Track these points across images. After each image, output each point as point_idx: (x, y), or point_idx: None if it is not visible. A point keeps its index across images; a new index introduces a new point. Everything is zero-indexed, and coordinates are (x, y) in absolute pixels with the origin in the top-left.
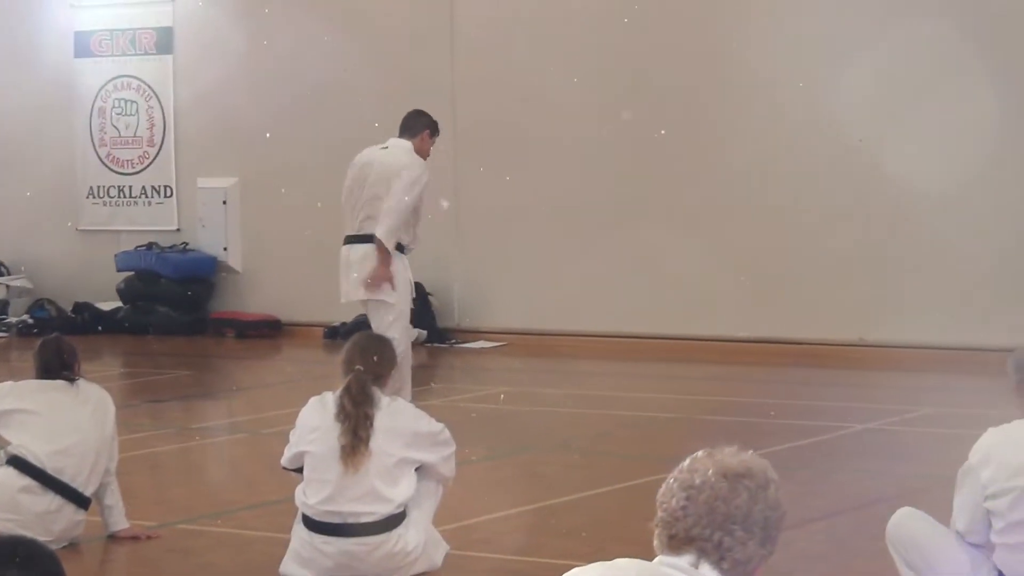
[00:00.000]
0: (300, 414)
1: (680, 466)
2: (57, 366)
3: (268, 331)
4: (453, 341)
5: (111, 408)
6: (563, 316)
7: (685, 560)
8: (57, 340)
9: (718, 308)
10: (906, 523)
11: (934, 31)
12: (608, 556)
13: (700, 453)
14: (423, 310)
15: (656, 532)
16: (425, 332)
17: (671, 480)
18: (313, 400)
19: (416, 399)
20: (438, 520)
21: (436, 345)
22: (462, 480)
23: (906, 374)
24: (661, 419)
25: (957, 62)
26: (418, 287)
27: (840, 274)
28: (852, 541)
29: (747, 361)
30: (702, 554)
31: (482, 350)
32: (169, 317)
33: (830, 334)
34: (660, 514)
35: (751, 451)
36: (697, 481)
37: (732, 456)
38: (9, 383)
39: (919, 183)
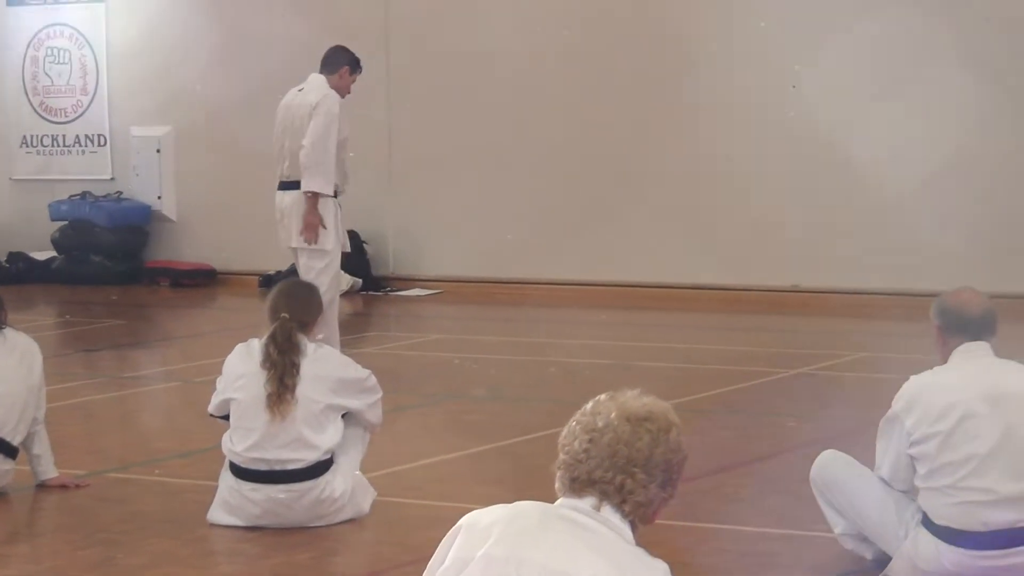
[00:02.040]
0: (226, 361)
1: (583, 409)
2: None
3: (203, 280)
4: (388, 289)
5: (38, 357)
6: (498, 264)
7: (587, 503)
8: None
9: (655, 255)
10: (829, 466)
11: None
12: (541, 499)
13: (603, 396)
14: (358, 258)
15: (558, 475)
16: (360, 280)
17: (573, 423)
18: (239, 347)
19: (351, 347)
20: (366, 467)
21: (371, 293)
22: (392, 427)
23: (839, 320)
24: (596, 365)
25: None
26: (352, 235)
27: (775, 220)
28: (782, 483)
29: (683, 308)
30: (604, 496)
31: (417, 298)
32: (104, 266)
33: (765, 280)
34: (562, 456)
35: (653, 395)
36: (600, 424)
37: (634, 399)
38: None
39: (856, 131)
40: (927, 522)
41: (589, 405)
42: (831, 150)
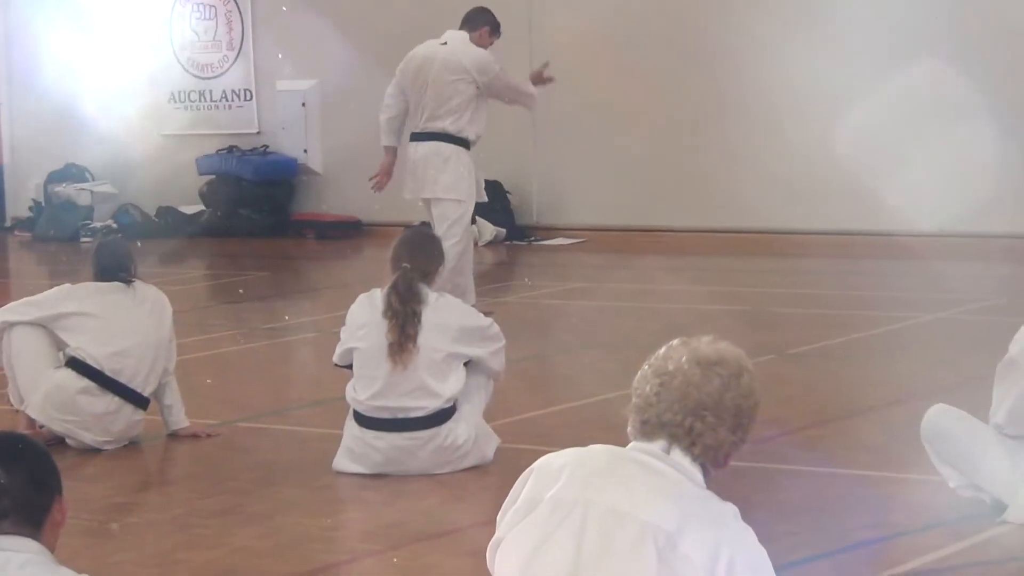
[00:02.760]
0: (349, 311)
1: (655, 354)
2: (114, 268)
3: (349, 232)
4: (532, 239)
5: (168, 309)
6: (641, 212)
7: (657, 446)
8: (114, 243)
9: (795, 199)
10: (939, 420)
11: None
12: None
13: (676, 341)
14: (501, 208)
15: (630, 419)
16: (504, 230)
17: (646, 367)
18: (362, 297)
19: (494, 296)
20: (493, 414)
21: (515, 243)
22: (525, 375)
23: (979, 263)
24: (731, 312)
25: None
26: (496, 185)
27: (918, 166)
28: (907, 432)
29: (825, 254)
30: (673, 439)
31: (560, 247)
32: (250, 220)
33: (906, 225)
34: (634, 400)
35: (727, 341)
36: (670, 368)
37: (707, 345)
38: (67, 286)
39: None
40: None
41: (662, 350)
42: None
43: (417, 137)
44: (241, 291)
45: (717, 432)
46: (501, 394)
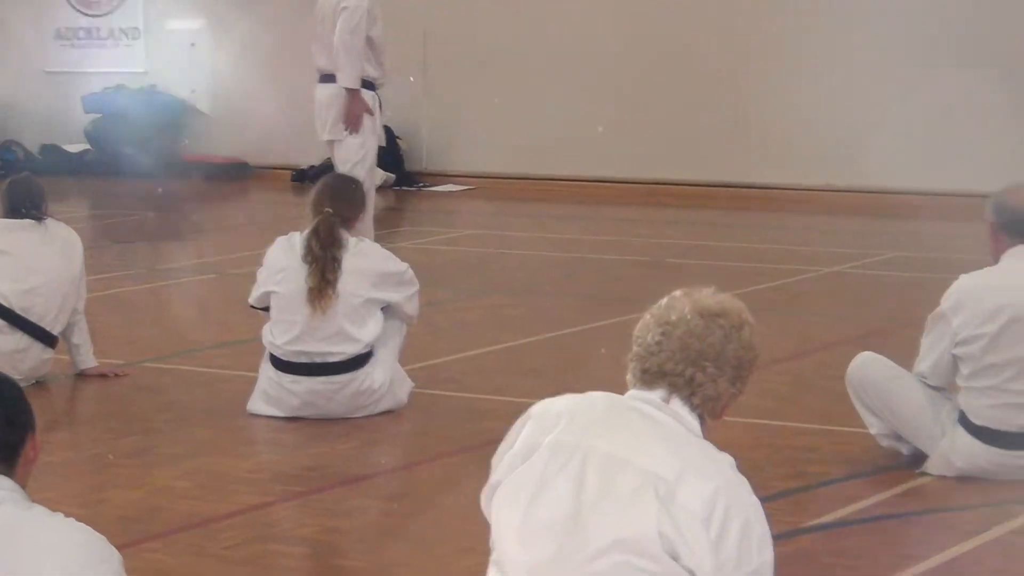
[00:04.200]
0: (267, 253)
1: (658, 303)
2: (25, 206)
3: (236, 174)
4: (421, 184)
5: (79, 247)
6: (531, 160)
7: (656, 394)
8: (26, 180)
9: (690, 152)
10: (865, 367)
11: None
12: (581, 392)
13: (678, 292)
14: (391, 154)
15: (630, 366)
16: (393, 176)
17: (648, 316)
18: (280, 240)
19: (384, 241)
20: (405, 359)
21: (404, 188)
22: (429, 321)
23: (872, 219)
24: (628, 262)
25: None
26: (386, 130)
27: (810, 120)
28: (816, 382)
29: (716, 206)
30: (673, 389)
31: (450, 193)
32: (137, 159)
33: (799, 179)
34: (635, 348)
35: (728, 293)
36: (673, 318)
37: (709, 296)
38: None
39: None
40: (965, 421)
41: (664, 300)
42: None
43: (323, 79)
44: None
45: (717, 383)
46: (410, 339)
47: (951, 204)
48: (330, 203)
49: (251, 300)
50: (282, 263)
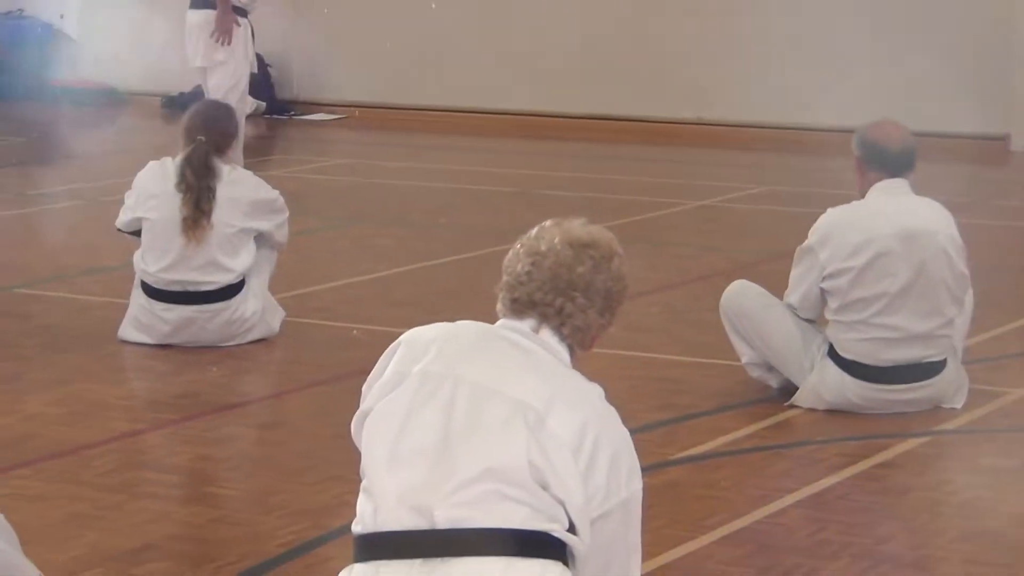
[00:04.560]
0: (138, 177)
1: (528, 234)
2: None
3: (105, 100)
4: (292, 113)
5: None
6: (404, 89)
7: (526, 324)
8: None
9: (560, 84)
10: (739, 295)
11: None
12: (447, 321)
13: (548, 223)
14: (262, 81)
15: (500, 296)
16: (264, 104)
17: (518, 246)
18: (152, 164)
19: (255, 169)
20: (276, 288)
21: (275, 117)
22: (299, 250)
23: (743, 153)
24: (501, 193)
25: None
26: (257, 58)
27: (680, 52)
28: (687, 313)
29: (589, 138)
30: (543, 319)
31: (322, 122)
32: (4, 84)
33: (669, 112)
34: (505, 278)
35: (599, 224)
36: (543, 248)
37: (580, 227)
38: None
39: None
40: (833, 355)
41: (534, 230)
42: None
43: (194, 4)
44: None
45: (587, 314)
46: (281, 268)
47: (822, 139)
48: (203, 131)
49: (119, 224)
50: (154, 189)
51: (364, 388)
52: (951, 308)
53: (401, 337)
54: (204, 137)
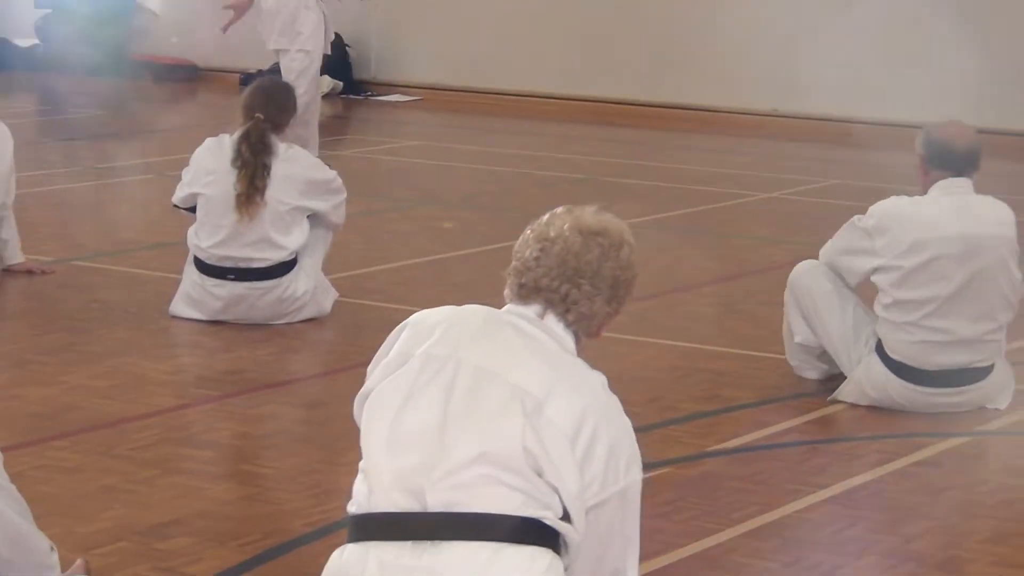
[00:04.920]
0: (195, 153)
1: (539, 219)
2: None
3: (185, 75)
4: (368, 93)
5: (9, 142)
6: (480, 73)
7: (532, 310)
8: None
9: (631, 71)
10: (809, 272)
11: None
12: (499, 307)
13: (560, 209)
14: (340, 61)
15: (508, 281)
16: (341, 83)
17: (528, 231)
18: (210, 141)
19: (329, 149)
20: (333, 268)
21: (352, 97)
22: (361, 231)
23: (815, 146)
24: (568, 179)
25: None
26: (335, 38)
27: (757, 44)
28: (740, 305)
29: (659, 126)
30: (549, 305)
31: (397, 103)
32: (86, 57)
33: (743, 103)
34: (513, 263)
35: (611, 213)
36: (552, 234)
37: (591, 215)
38: None
39: None
40: (881, 352)
41: (545, 216)
42: None
43: None
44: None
45: (593, 301)
46: (336, 248)
47: (890, 134)
48: (261, 108)
49: (175, 200)
50: (210, 165)
51: (370, 367)
52: (1004, 314)
53: (407, 319)
54: (262, 114)
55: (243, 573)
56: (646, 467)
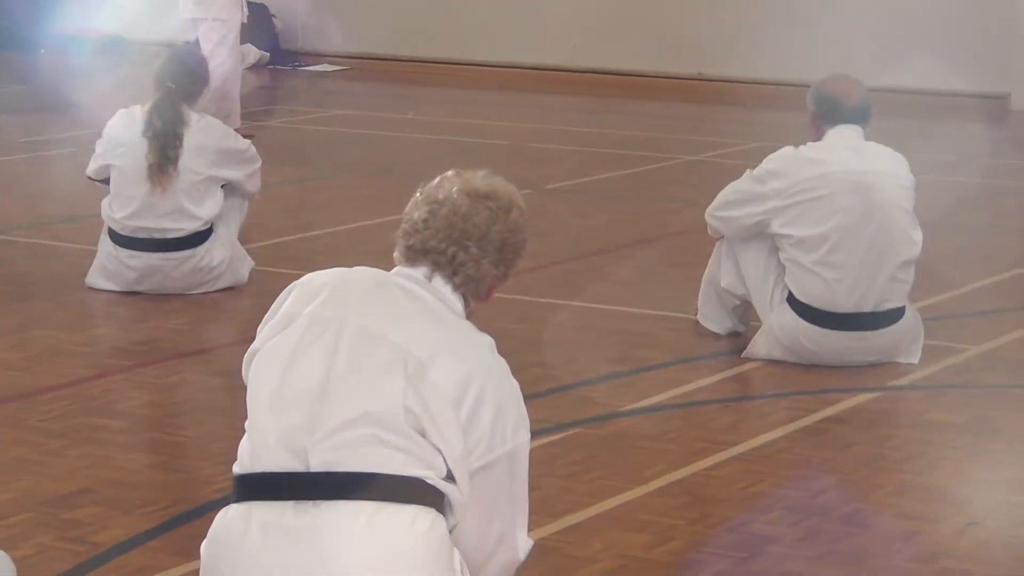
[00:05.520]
0: (107, 125)
1: (429, 183)
2: None
3: (111, 48)
4: (296, 64)
5: None
6: (408, 41)
7: (419, 272)
8: None
9: (559, 37)
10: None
11: None
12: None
13: (450, 172)
14: (266, 31)
15: (398, 243)
16: (268, 54)
17: (417, 194)
18: (121, 112)
19: (255, 119)
20: (251, 237)
21: (279, 67)
22: (282, 199)
23: (742, 109)
24: (491, 146)
25: None
26: (261, 8)
27: (681, 7)
28: (659, 269)
29: (584, 92)
30: (436, 267)
31: (324, 73)
32: (10, 31)
33: (669, 67)
34: (403, 225)
35: (502, 177)
36: (440, 196)
37: (481, 178)
38: None
39: None
40: (792, 300)
41: (435, 180)
42: None
43: None
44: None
45: (480, 264)
46: (258, 217)
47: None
48: (172, 78)
49: (89, 172)
50: (122, 137)
51: (258, 328)
52: (906, 249)
53: (296, 280)
54: (173, 84)
55: (149, 540)
56: (558, 428)
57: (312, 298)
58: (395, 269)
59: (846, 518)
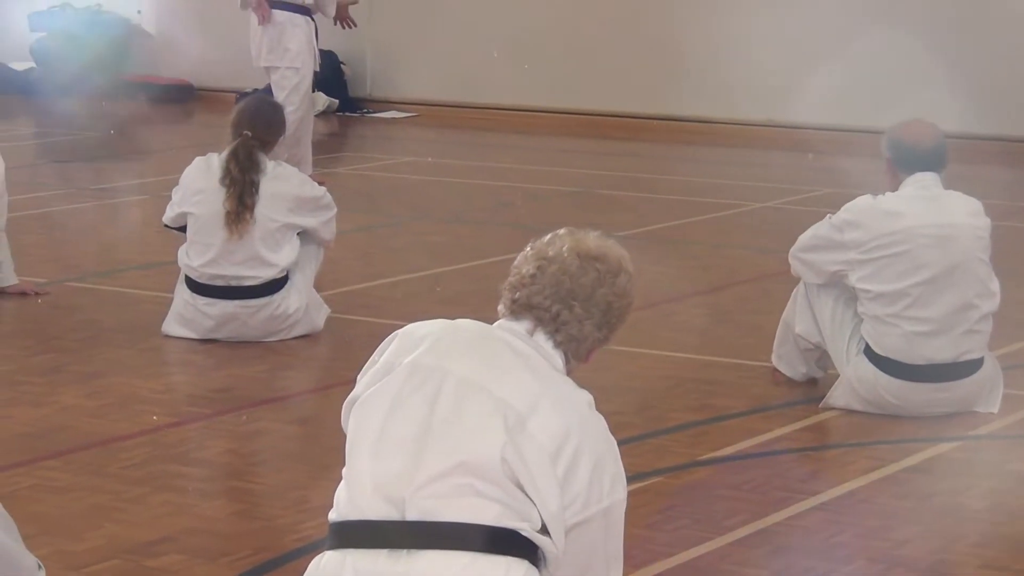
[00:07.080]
0: (185, 173)
1: (541, 238)
2: None
3: (180, 96)
4: (364, 110)
5: (1, 166)
6: (476, 88)
7: (522, 326)
8: None
9: (629, 84)
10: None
11: None
12: (489, 322)
13: (563, 230)
14: (335, 79)
15: (503, 296)
16: (337, 101)
17: (528, 248)
18: (199, 160)
19: (325, 167)
20: (325, 285)
21: (347, 114)
22: (355, 247)
23: (805, 156)
24: (561, 192)
25: None
26: (330, 55)
27: (752, 55)
28: (732, 316)
29: (655, 139)
30: (539, 323)
31: (393, 120)
32: (82, 79)
33: (738, 114)
34: (510, 278)
35: (614, 240)
36: (551, 253)
37: (593, 239)
38: None
39: None
40: (869, 352)
41: (547, 236)
42: None
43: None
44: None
45: (583, 325)
46: (331, 264)
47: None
48: (249, 126)
49: (165, 220)
50: (199, 184)
51: (358, 376)
52: (985, 302)
53: (398, 330)
54: (250, 132)
55: None
56: (638, 478)
57: (414, 348)
58: (498, 322)
59: (930, 569)
